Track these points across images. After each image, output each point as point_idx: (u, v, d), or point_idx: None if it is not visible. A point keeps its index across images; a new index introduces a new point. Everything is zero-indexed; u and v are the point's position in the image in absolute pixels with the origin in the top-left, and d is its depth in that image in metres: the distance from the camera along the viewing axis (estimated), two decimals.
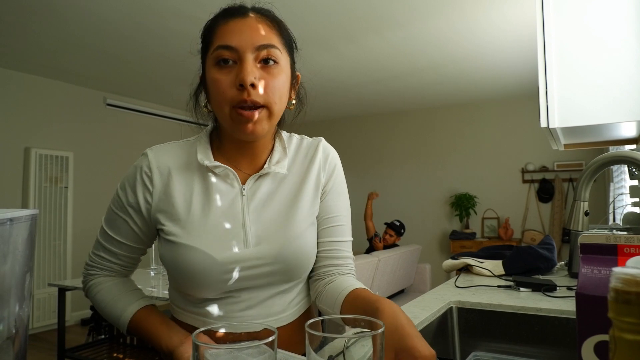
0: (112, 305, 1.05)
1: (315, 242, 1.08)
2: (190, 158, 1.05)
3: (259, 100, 0.93)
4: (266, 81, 0.95)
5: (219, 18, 1.00)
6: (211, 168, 1.01)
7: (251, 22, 0.97)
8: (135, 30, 4.16)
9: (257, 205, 1.02)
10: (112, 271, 1.10)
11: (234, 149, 1.05)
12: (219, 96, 0.95)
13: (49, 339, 5.02)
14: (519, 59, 5.05)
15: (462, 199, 6.98)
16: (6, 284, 0.54)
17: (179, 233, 0.98)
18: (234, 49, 0.94)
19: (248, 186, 1.03)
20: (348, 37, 4.35)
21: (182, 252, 0.96)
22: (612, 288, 0.38)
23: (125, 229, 1.06)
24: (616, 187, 4.35)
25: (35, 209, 0.60)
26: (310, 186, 1.08)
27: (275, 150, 1.08)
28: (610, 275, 0.38)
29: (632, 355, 0.36)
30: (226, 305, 1.00)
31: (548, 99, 1.45)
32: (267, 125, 0.98)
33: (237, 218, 1.00)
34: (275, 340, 0.55)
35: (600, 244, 0.62)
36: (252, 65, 0.94)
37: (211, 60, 0.97)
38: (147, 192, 1.02)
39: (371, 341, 0.58)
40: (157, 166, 1.03)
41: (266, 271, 0.99)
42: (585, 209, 1.68)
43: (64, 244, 5.67)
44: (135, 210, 1.04)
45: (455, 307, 1.50)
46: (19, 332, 0.56)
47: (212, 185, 1.02)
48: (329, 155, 1.14)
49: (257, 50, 0.95)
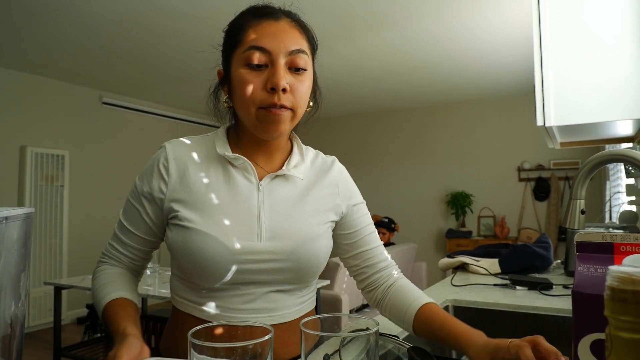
0: (100, 289, 1.03)
1: (328, 252, 1.09)
2: (208, 150, 1.06)
3: (287, 104, 0.96)
4: (294, 87, 0.97)
5: (249, 17, 1.00)
6: (230, 159, 1.03)
7: (284, 26, 0.99)
8: (131, 28, 4.14)
9: (273, 202, 1.04)
10: (120, 262, 1.10)
11: (251, 145, 1.07)
12: (248, 96, 0.96)
13: (45, 338, 5.01)
14: (515, 57, 5.05)
15: (458, 197, 6.99)
16: (2, 282, 0.54)
17: (194, 219, 0.98)
18: (267, 52, 0.96)
19: (265, 182, 1.04)
20: (344, 35, 4.35)
21: (195, 237, 0.97)
22: (608, 286, 0.38)
23: (137, 219, 1.06)
24: (612, 186, 4.36)
25: (31, 207, 0.60)
26: (324, 197, 1.11)
27: (293, 154, 1.11)
28: (606, 273, 0.38)
29: (628, 353, 0.36)
30: (230, 297, 1.00)
31: (544, 97, 1.45)
32: (289, 127, 1.01)
33: (252, 211, 1.01)
34: (271, 340, 0.55)
35: (597, 243, 0.62)
36: (284, 70, 0.96)
37: (241, 59, 0.98)
38: (163, 182, 1.03)
39: (366, 340, 0.58)
40: (175, 157, 1.03)
41: (277, 267, 1.00)
42: (582, 208, 1.68)
43: (59, 243, 5.66)
44: (149, 200, 1.04)
45: (451, 306, 1.50)
46: (15, 330, 0.56)
47: (230, 177, 1.03)
48: (342, 174, 1.17)
49: (289, 54, 0.97)
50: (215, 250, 0.95)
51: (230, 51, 1.02)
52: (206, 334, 0.60)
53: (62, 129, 5.79)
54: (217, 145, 1.05)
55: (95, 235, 5.87)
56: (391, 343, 1.01)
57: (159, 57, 4.92)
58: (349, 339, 0.63)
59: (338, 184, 1.14)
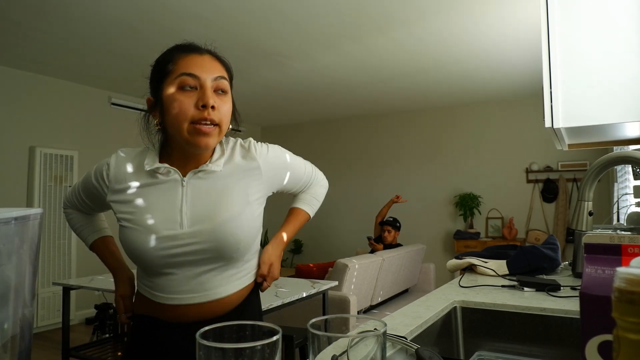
0: (79, 232, 1.48)
1: (255, 224, 1.27)
2: (141, 162, 1.27)
3: (215, 119, 1.17)
4: (219, 106, 1.19)
5: (178, 52, 1.22)
6: (155, 170, 1.23)
7: (208, 59, 1.23)
8: (140, 29, 4.16)
9: (194, 194, 1.22)
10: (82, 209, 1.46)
11: (181, 157, 1.25)
12: (181, 114, 1.16)
13: (53, 338, 5.04)
14: (524, 58, 5.03)
15: (466, 198, 6.97)
16: (11, 282, 0.54)
17: (128, 218, 1.21)
18: (196, 77, 1.17)
19: (187, 178, 1.23)
20: (352, 36, 4.34)
21: (129, 232, 1.20)
22: (616, 288, 0.38)
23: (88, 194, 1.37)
24: (620, 187, 4.33)
25: (40, 208, 0.60)
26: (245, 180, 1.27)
27: (215, 153, 1.28)
28: (614, 275, 0.38)
29: (636, 355, 0.36)
30: (168, 281, 1.21)
31: (552, 99, 1.44)
32: (217, 140, 1.21)
33: (175, 204, 1.21)
34: (279, 340, 0.55)
35: (605, 244, 0.61)
36: (212, 92, 1.18)
37: (174, 84, 1.18)
38: (104, 184, 1.28)
39: (374, 341, 0.58)
40: (115, 166, 1.27)
41: (199, 249, 1.19)
42: (590, 209, 1.68)
43: (68, 243, 5.69)
44: (96, 190, 1.32)
45: (459, 307, 1.50)
46: (23, 330, 0.56)
47: (157, 181, 1.24)
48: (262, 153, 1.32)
49: (214, 80, 1.19)
50: (144, 240, 1.17)
51: (161, 80, 1.21)
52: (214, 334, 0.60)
53: (71, 130, 5.83)
54: (147, 158, 1.25)
55: None
56: (399, 344, 1.01)
57: None
58: (356, 340, 0.63)
59: (260, 166, 1.30)
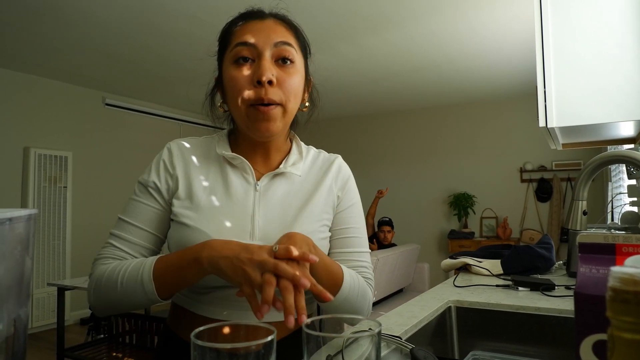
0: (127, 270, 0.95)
1: (324, 249, 1.06)
2: (207, 152, 1.08)
3: (274, 98, 0.96)
4: (282, 79, 0.97)
5: (237, 20, 1.03)
6: (229, 159, 1.05)
7: (270, 23, 1.01)
8: (133, 30, 4.15)
9: (269, 202, 1.04)
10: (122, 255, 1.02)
11: (249, 148, 1.08)
12: (236, 94, 0.97)
13: (48, 339, 5.02)
14: (518, 58, 5.05)
15: (461, 198, 6.98)
16: (5, 283, 0.54)
17: (190, 216, 0.99)
18: (252, 46, 0.97)
19: (262, 183, 1.05)
20: (345, 36, 4.34)
21: (190, 234, 0.97)
22: (611, 287, 0.38)
23: (145, 212, 1.03)
24: (614, 187, 4.35)
25: (34, 208, 0.60)
26: (322, 195, 1.09)
27: (292, 153, 1.11)
28: (608, 274, 0.38)
29: (630, 355, 0.36)
30: (229, 295, 0.98)
31: (546, 99, 1.45)
32: (281, 124, 1.00)
33: (247, 211, 1.02)
34: (274, 340, 0.55)
35: (599, 243, 0.62)
36: (270, 63, 0.97)
37: (229, 58, 0.99)
38: (169, 176, 1.04)
39: (369, 341, 0.58)
40: (178, 154, 1.06)
41: None
42: (584, 209, 1.68)
43: (63, 244, 5.67)
44: (156, 191, 1.04)
45: (453, 307, 1.50)
46: (18, 331, 0.56)
47: (228, 177, 1.04)
48: (341, 170, 1.16)
49: (274, 46, 0.98)
50: None
51: (221, 54, 1.04)
52: (209, 334, 0.60)
53: (65, 131, 5.81)
54: (217, 146, 1.08)
55: (99, 237, 5.87)
56: (393, 344, 1.01)
57: (162, 58, 4.93)
58: (351, 339, 0.63)
59: (337, 179, 1.13)
